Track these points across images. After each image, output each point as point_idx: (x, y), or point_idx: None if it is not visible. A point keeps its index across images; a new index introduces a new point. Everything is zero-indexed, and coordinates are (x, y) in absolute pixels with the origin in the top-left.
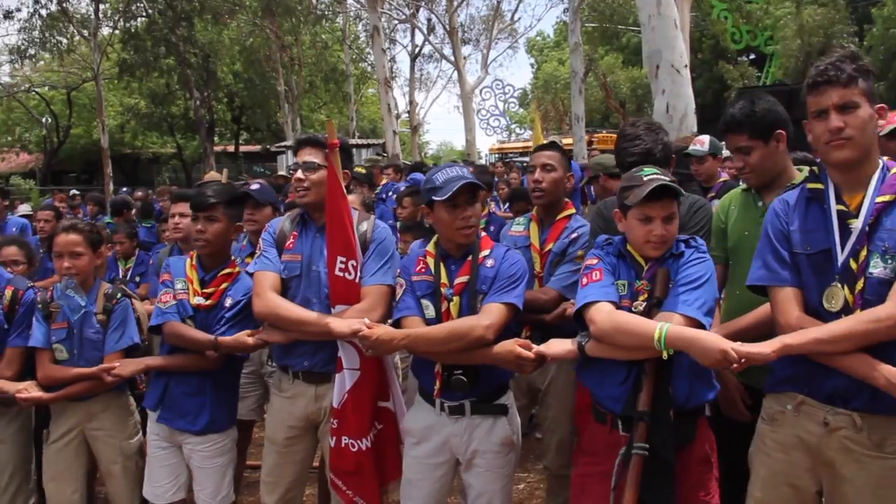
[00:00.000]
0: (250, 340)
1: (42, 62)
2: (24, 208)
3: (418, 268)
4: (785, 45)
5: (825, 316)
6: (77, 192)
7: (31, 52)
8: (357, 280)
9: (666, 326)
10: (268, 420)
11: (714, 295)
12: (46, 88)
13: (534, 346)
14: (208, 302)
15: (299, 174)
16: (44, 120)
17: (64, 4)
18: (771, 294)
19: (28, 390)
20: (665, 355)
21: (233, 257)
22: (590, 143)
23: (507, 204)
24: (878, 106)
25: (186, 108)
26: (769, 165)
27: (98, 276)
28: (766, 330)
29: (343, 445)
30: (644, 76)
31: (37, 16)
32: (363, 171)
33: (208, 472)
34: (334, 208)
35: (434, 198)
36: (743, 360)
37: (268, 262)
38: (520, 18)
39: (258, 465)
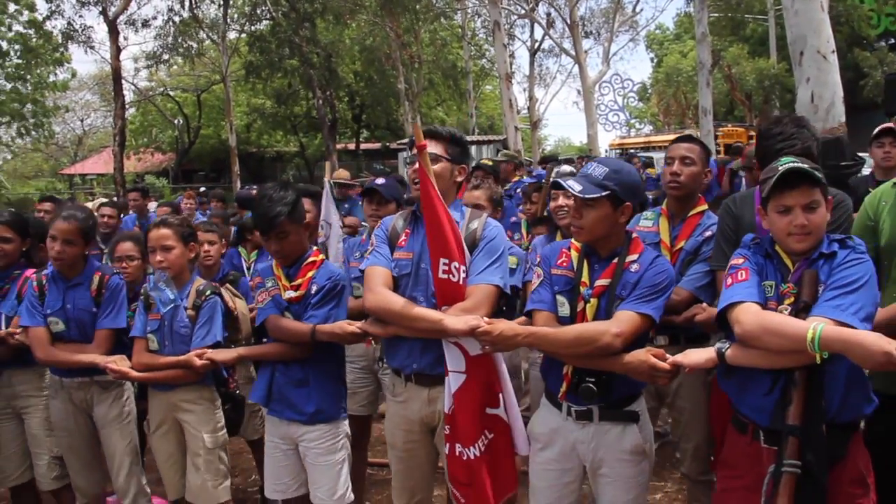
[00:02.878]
0: (350, 328)
1: (175, 66)
2: (152, 206)
3: (560, 261)
4: None
5: None
6: (204, 189)
7: (165, 57)
8: (461, 282)
9: (821, 326)
10: (386, 425)
11: (875, 300)
12: (179, 91)
13: (668, 356)
14: (298, 293)
15: (416, 166)
16: (176, 121)
17: (195, 11)
18: None
19: (117, 363)
20: (818, 358)
21: (318, 244)
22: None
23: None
24: None
25: (309, 108)
26: None
27: (193, 272)
28: None
29: (457, 454)
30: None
31: (170, 23)
32: (490, 163)
33: (323, 470)
34: (430, 211)
35: None
36: None
37: (380, 257)
38: (641, 10)
39: (380, 462)
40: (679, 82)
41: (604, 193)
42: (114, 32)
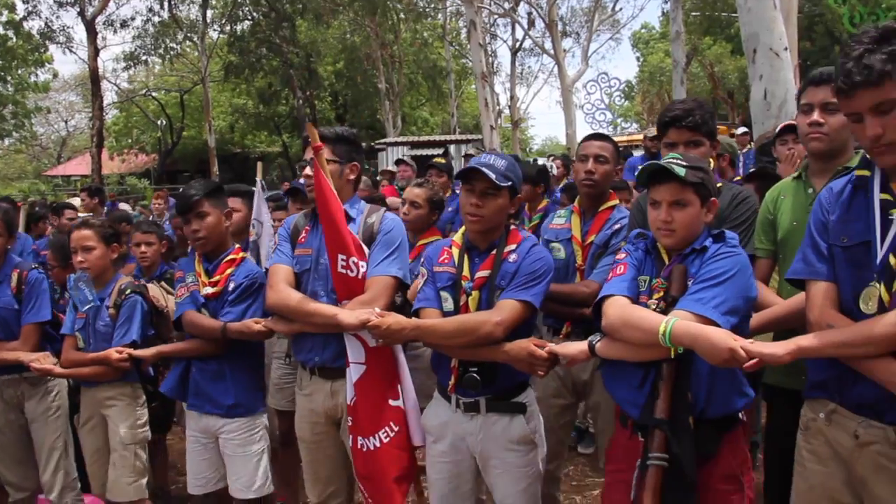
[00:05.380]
0: (256, 327)
1: (158, 67)
2: (125, 207)
3: (442, 258)
4: None
5: (859, 317)
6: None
7: (144, 57)
8: (360, 276)
9: (673, 320)
10: (295, 418)
11: (743, 293)
12: (162, 92)
13: (549, 344)
14: (215, 290)
15: (308, 171)
16: (159, 122)
17: (174, 11)
18: (806, 288)
19: (41, 361)
20: (672, 353)
21: (237, 245)
22: None
23: None
24: None
25: (292, 108)
26: (843, 136)
27: (119, 271)
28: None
29: (359, 446)
30: None
31: (150, 23)
32: (443, 161)
33: (241, 461)
34: (324, 210)
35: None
36: (754, 360)
37: (282, 255)
38: (621, 9)
39: None
40: (662, 81)
41: (508, 184)
42: (92, 33)
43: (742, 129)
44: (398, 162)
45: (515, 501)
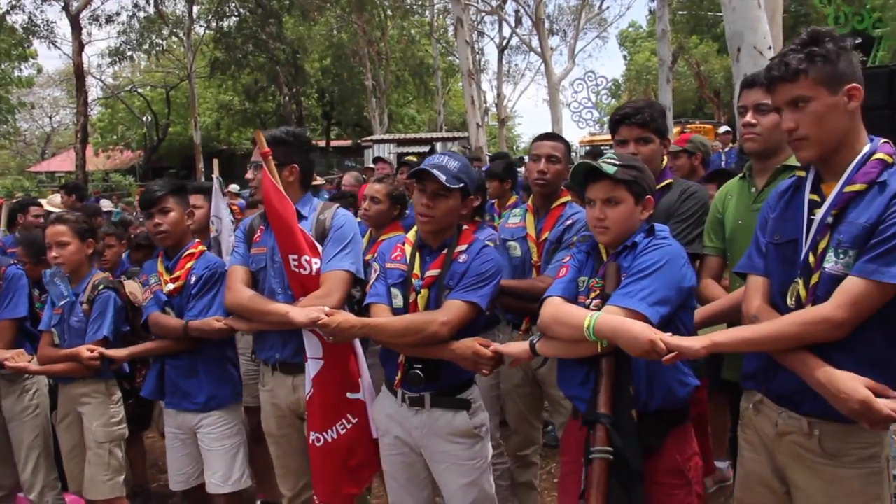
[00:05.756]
0: (217, 325)
1: (143, 63)
2: (107, 203)
3: (394, 255)
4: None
5: (784, 312)
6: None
7: (129, 53)
8: (314, 273)
9: (596, 315)
10: (262, 415)
11: (674, 283)
12: (148, 88)
13: (493, 344)
14: (177, 285)
15: (249, 174)
16: (144, 119)
17: (160, 7)
18: (745, 282)
19: (15, 359)
20: (599, 347)
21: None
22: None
23: None
24: (849, 86)
25: (278, 104)
26: (777, 135)
27: (95, 266)
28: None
29: (311, 441)
30: None
31: (135, 19)
32: (415, 159)
33: (217, 455)
34: (273, 212)
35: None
36: (673, 353)
37: (238, 256)
38: (608, 7)
39: None
40: (648, 80)
41: (459, 185)
42: (76, 28)
43: (724, 128)
44: (376, 160)
45: (463, 495)
